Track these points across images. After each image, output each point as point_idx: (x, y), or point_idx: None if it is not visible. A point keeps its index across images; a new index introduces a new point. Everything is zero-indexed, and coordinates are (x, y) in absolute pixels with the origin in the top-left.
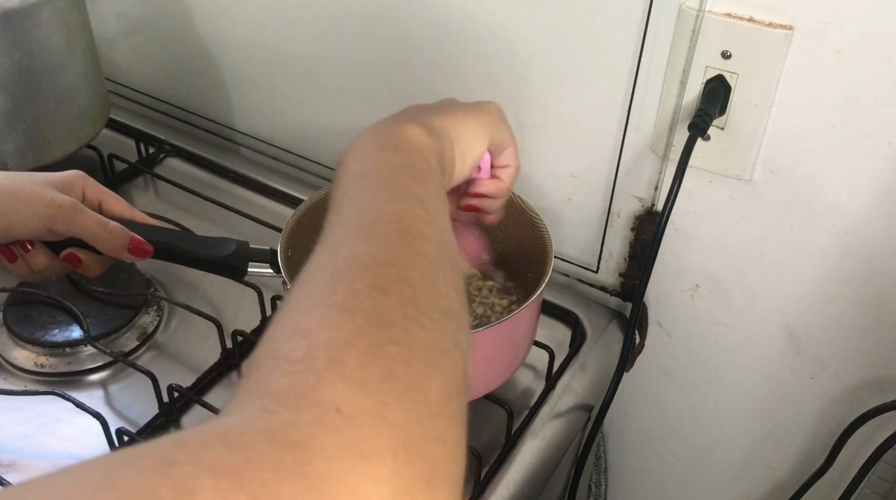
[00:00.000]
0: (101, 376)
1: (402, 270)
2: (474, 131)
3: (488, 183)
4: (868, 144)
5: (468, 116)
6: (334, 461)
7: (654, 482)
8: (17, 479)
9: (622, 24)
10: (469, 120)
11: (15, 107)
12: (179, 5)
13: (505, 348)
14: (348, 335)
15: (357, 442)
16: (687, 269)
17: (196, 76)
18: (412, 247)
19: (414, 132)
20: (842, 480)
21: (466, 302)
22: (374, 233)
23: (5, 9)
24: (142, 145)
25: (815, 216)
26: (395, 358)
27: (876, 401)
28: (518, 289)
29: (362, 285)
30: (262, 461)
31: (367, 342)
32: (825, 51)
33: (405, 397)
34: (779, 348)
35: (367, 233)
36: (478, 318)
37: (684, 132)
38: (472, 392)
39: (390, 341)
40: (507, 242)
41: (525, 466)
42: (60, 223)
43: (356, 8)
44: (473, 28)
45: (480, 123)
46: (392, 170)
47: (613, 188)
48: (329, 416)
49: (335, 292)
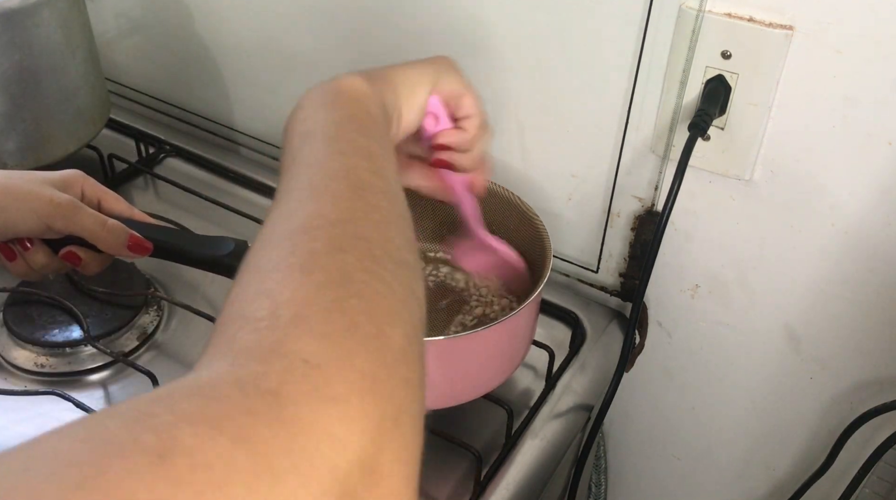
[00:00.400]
0: (101, 376)
1: (356, 225)
2: (416, 77)
3: (451, 132)
4: (868, 144)
5: (411, 64)
6: (305, 406)
7: (654, 482)
8: None
9: (622, 25)
10: (411, 68)
11: (15, 107)
12: (179, 5)
13: (504, 348)
14: (310, 293)
15: (326, 387)
16: (687, 269)
17: (196, 76)
18: (363, 201)
19: (353, 82)
20: (842, 480)
21: (417, 251)
22: (324, 191)
23: (5, 9)
24: (142, 145)
25: (815, 216)
26: (357, 310)
27: (876, 401)
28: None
29: (319, 245)
30: (236, 408)
31: (329, 298)
32: (825, 51)
33: (368, 344)
34: (779, 349)
35: (319, 192)
36: (477, 318)
37: (684, 132)
38: (472, 393)
39: (350, 295)
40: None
41: (525, 466)
42: (60, 221)
43: (356, 7)
44: (473, 27)
45: (422, 70)
46: (335, 124)
47: (613, 188)
48: (297, 366)
49: (294, 253)
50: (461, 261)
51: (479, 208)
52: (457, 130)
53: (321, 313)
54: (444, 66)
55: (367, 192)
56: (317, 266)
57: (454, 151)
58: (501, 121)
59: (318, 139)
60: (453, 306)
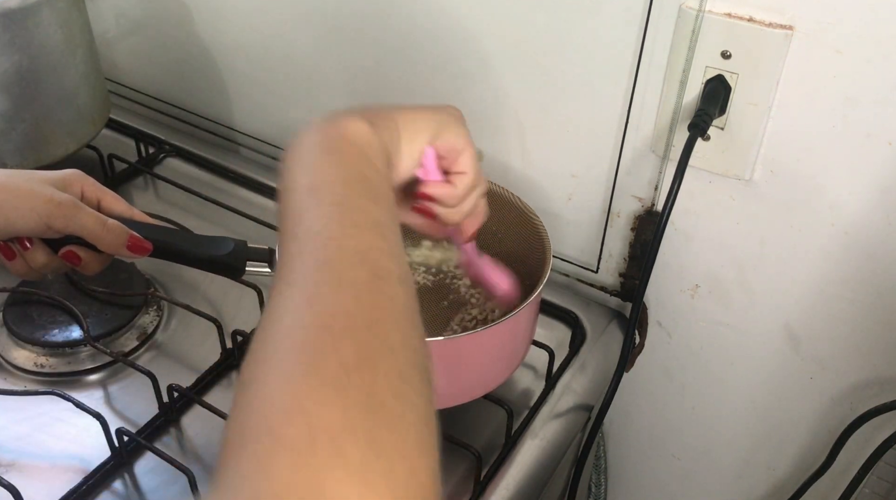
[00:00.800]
0: (101, 376)
1: (381, 329)
2: (420, 124)
3: (439, 185)
4: (868, 144)
5: (418, 109)
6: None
7: (654, 482)
8: (18, 479)
9: (622, 24)
10: (417, 113)
11: (15, 107)
12: (179, 5)
13: (504, 349)
14: (346, 423)
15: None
16: (687, 269)
17: (196, 76)
18: (383, 294)
19: (357, 128)
20: (842, 480)
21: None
22: (342, 279)
23: (5, 9)
24: (142, 145)
25: (815, 216)
26: (391, 447)
27: (876, 401)
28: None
29: (349, 356)
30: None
31: (364, 427)
32: (825, 51)
33: (402, 489)
34: (779, 349)
35: (337, 280)
36: (475, 318)
37: (684, 132)
38: (472, 393)
39: (383, 426)
40: (505, 243)
41: (525, 466)
42: (59, 221)
43: (355, 8)
44: (473, 28)
45: (428, 117)
46: (345, 185)
47: (613, 188)
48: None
49: (324, 364)
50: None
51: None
52: (445, 184)
53: (358, 449)
54: (449, 117)
55: (385, 281)
56: (350, 384)
57: (439, 204)
58: (501, 121)
59: (328, 203)
60: (453, 306)
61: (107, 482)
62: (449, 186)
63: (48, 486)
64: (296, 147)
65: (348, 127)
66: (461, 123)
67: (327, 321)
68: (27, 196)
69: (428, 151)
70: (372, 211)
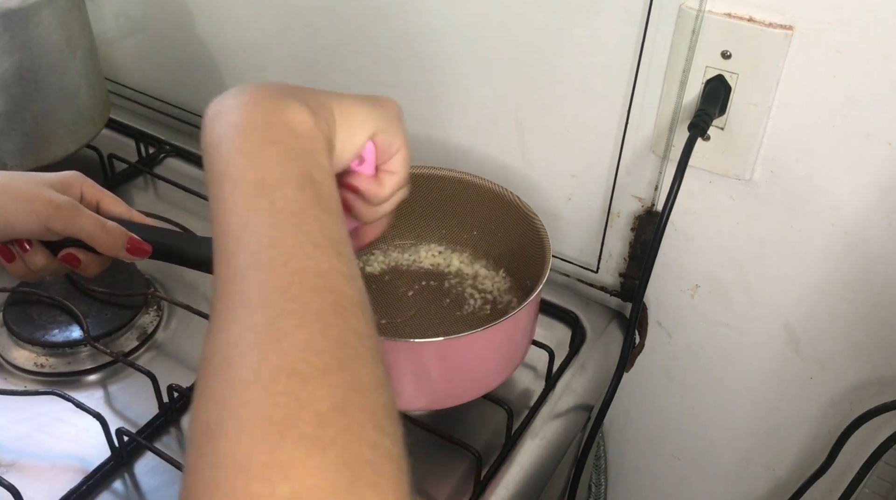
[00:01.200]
0: (101, 376)
1: (351, 369)
2: (361, 117)
3: (367, 179)
4: (868, 144)
5: (356, 100)
6: None
7: (654, 482)
8: (18, 479)
9: (622, 24)
10: (358, 105)
11: (15, 107)
12: (179, 5)
13: (503, 349)
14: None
15: None
16: (687, 269)
17: (196, 76)
18: (349, 326)
19: (301, 118)
20: (842, 480)
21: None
22: (307, 310)
23: (5, 9)
24: (142, 145)
25: (815, 216)
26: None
27: (876, 401)
28: (516, 289)
29: (324, 406)
30: None
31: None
32: (825, 51)
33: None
34: (779, 349)
35: (302, 311)
36: (475, 316)
37: (684, 132)
38: (472, 393)
39: (366, 486)
40: (505, 243)
41: (525, 466)
42: (58, 223)
43: (355, 8)
44: (473, 28)
45: (369, 111)
46: (296, 189)
47: (613, 188)
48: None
49: (300, 416)
50: None
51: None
52: (373, 181)
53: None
54: (389, 114)
55: (349, 311)
56: (327, 440)
57: (361, 199)
58: (501, 121)
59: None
60: (454, 304)
61: (107, 482)
62: (378, 185)
63: (48, 486)
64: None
65: (292, 115)
66: (400, 121)
67: (298, 365)
68: (26, 198)
69: (369, 146)
70: (327, 224)
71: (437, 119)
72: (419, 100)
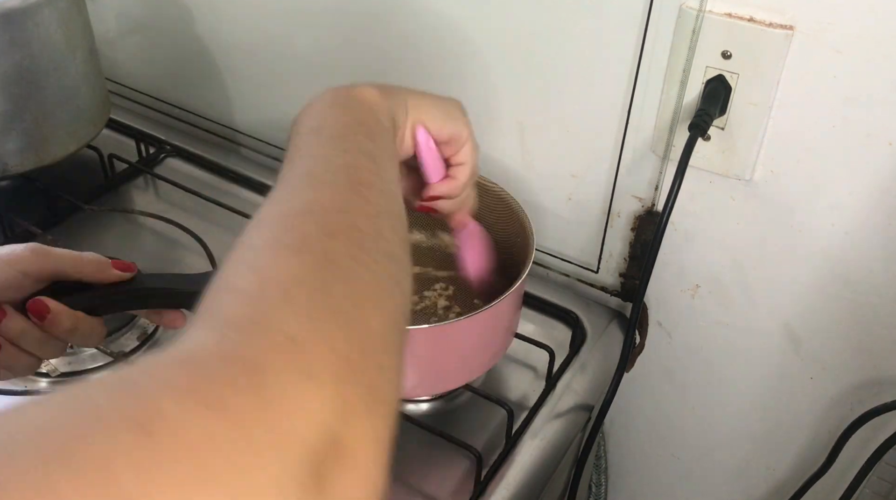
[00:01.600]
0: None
1: (350, 215)
2: (429, 106)
3: (440, 185)
4: (868, 144)
5: (427, 94)
6: (284, 379)
7: (654, 482)
8: None
9: (622, 24)
10: (426, 97)
11: (15, 107)
12: (179, 5)
13: (485, 338)
14: (298, 273)
15: (304, 364)
16: (687, 269)
17: (196, 76)
18: (360, 196)
19: (367, 91)
20: (842, 480)
21: (409, 249)
22: (324, 182)
23: (5, 9)
24: (142, 145)
25: (815, 216)
26: (342, 295)
27: (876, 401)
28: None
29: (312, 229)
30: (218, 378)
31: (316, 280)
32: (825, 51)
33: (350, 329)
34: (779, 349)
35: (318, 182)
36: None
37: (684, 132)
38: (455, 381)
39: (337, 280)
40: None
41: (525, 466)
42: (34, 264)
43: (356, 8)
44: (473, 28)
45: (436, 103)
46: (344, 125)
47: (613, 188)
48: (279, 341)
49: (287, 234)
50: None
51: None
52: (448, 180)
53: (307, 294)
54: (456, 109)
55: (365, 188)
56: (307, 248)
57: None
58: (501, 121)
59: (325, 136)
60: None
61: None
62: (451, 180)
63: None
64: (307, 106)
65: (360, 89)
66: (465, 115)
67: (297, 208)
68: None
69: (421, 130)
70: (366, 144)
71: None
72: None
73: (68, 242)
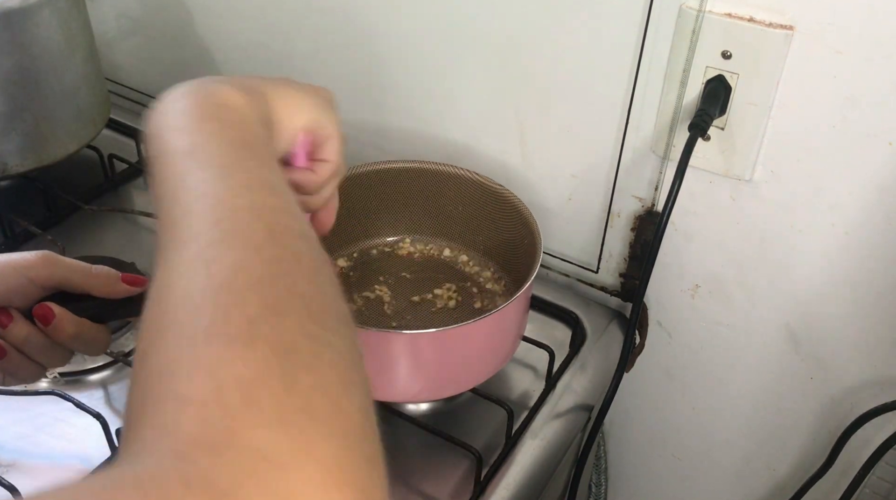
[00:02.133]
0: (101, 376)
1: (288, 279)
2: (296, 103)
3: (300, 173)
4: (868, 144)
5: (291, 87)
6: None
7: (654, 482)
8: (18, 479)
9: (622, 24)
10: (293, 92)
11: (15, 107)
12: (179, 5)
13: (491, 342)
14: (256, 371)
15: (285, 485)
16: (687, 269)
17: (196, 76)
18: (286, 249)
19: (232, 97)
20: (842, 480)
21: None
22: (240, 236)
23: (5, 9)
24: (142, 145)
25: (815, 216)
26: (310, 388)
27: (876, 401)
28: (507, 283)
29: (254, 310)
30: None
31: (278, 376)
32: (825, 51)
33: (327, 428)
34: (779, 349)
35: (233, 237)
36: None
37: (684, 132)
38: (461, 385)
39: (299, 369)
40: (498, 237)
41: (525, 466)
42: (42, 271)
43: (355, 8)
44: (473, 28)
45: (304, 99)
46: (228, 148)
47: (613, 188)
48: (251, 461)
49: (228, 320)
50: None
51: None
52: (307, 172)
53: (272, 396)
54: (325, 102)
55: (287, 236)
56: (257, 337)
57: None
58: (502, 121)
59: (208, 164)
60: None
61: None
62: (311, 173)
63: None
64: (164, 113)
65: (223, 95)
66: (334, 108)
67: (226, 280)
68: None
69: (301, 137)
70: (260, 172)
71: (437, 119)
72: (420, 99)
73: (68, 242)
